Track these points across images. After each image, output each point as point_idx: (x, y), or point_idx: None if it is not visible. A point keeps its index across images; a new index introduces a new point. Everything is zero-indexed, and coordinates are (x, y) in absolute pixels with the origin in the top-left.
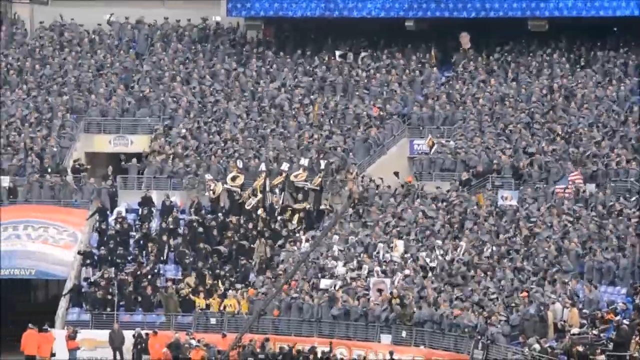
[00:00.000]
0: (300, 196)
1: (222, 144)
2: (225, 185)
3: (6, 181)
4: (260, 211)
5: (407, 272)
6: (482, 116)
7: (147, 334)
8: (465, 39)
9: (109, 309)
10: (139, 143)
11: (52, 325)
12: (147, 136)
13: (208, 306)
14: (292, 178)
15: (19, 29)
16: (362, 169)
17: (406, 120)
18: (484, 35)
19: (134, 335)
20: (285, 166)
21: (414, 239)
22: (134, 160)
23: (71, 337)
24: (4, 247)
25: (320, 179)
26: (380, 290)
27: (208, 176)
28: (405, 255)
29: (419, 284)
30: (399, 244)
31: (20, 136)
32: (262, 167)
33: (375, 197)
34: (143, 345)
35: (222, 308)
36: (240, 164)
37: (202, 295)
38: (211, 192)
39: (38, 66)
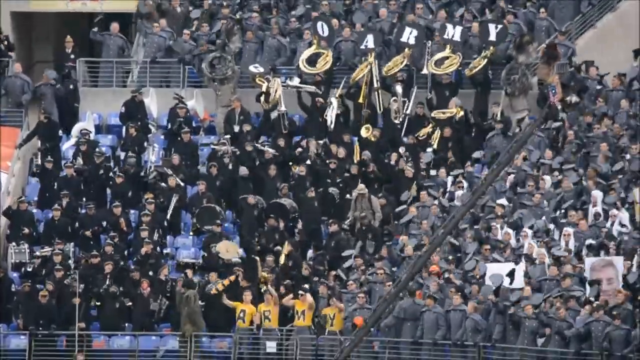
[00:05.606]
0: (447, 92)
1: None
2: (287, 82)
3: None
4: (365, 131)
5: None
6: None
7: None
8: None
9: (70, 328)
10: None
11: None
12: None
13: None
14: (432, 60)
15: None
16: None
17: None
18: None
19: None
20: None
21: None
22: (114, 25)
23: None
24: None
25: (484, 60)
26: (607, 282)
27: (254, 68)
28: None
29: None
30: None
31: None
32: (369, 40)
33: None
34: None
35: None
36: (323, 28)
37: (248, 296)
38: (263, 93)
39: None
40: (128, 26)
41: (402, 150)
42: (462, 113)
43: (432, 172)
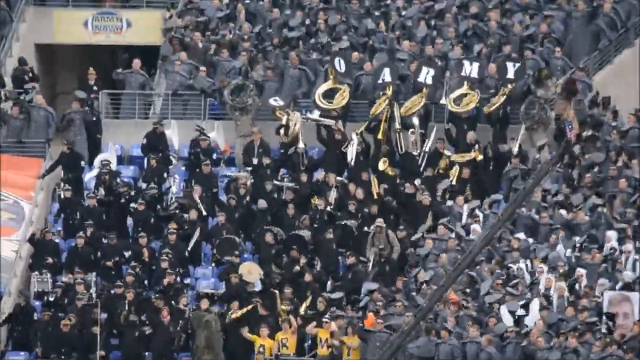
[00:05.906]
0: (465, 126)
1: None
2: (307, 115)
3: None
4: (382, 164)
5: None
6: None
7: None
8: None
9: (90, 357)
10: (142, 24)
11: None
12: (158, 11)
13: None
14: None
15: None
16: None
17: None
18: None
19: None
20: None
21: None
22: (136, 62)
23: None
24: None
25: (502, 97)
26: (624, 317)
27: (274, 101)
28: None
29: None
30: None
31: None
32: (386, 74)
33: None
34: None
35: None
36: (341, 64)
37: (265, 331)
38: (282, 126)
39: None
40: (152, 59)
41: (417, 182)
42: (481, 157)
43: (449, 203)
